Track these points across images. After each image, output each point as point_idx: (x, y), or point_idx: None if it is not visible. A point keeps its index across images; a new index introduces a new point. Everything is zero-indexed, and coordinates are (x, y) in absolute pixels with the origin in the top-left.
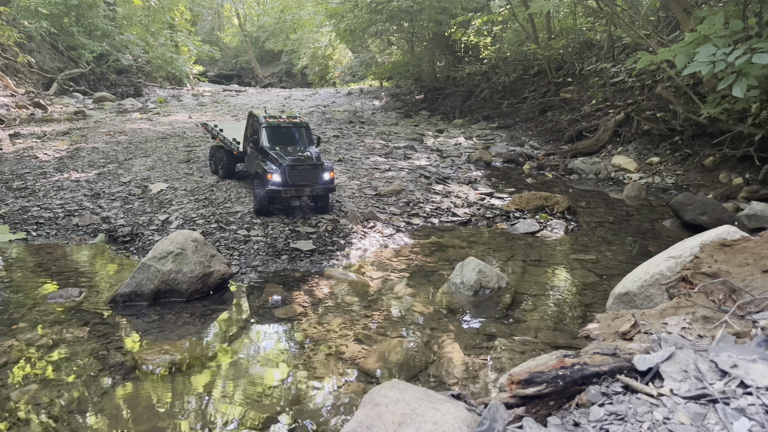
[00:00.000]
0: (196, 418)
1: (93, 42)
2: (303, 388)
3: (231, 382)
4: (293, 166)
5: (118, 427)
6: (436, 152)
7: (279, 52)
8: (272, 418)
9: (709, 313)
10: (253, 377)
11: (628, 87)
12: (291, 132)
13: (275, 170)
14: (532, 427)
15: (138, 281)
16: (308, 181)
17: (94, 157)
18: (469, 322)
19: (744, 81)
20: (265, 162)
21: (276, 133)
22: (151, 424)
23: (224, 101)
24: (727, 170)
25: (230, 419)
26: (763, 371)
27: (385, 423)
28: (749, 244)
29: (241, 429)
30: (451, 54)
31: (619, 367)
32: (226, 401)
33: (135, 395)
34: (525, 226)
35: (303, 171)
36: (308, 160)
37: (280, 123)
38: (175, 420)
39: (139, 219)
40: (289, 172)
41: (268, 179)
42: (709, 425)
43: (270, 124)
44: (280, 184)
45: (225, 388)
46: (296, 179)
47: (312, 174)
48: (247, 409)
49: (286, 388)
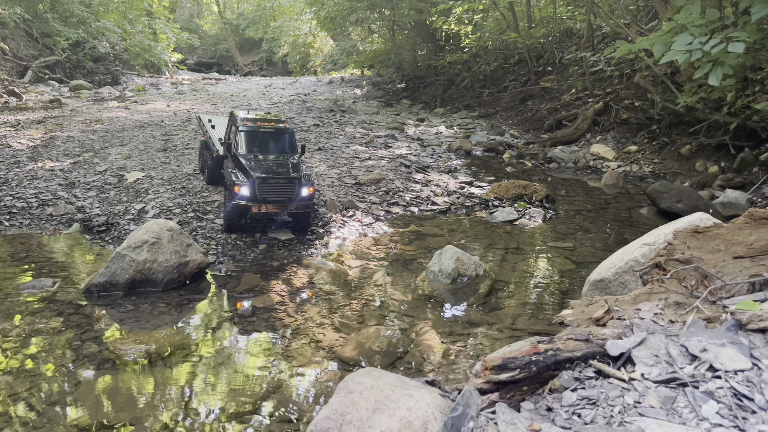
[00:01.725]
0: (172, 408)
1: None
2: (280, 377)
3: (208, 371)
4: (264, 178)
5: (94, 417)
6: (417, 141)
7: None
8: (249, 408)
9: (681, 299)
10: (230, 367)
11: (607, 76)
12: (271, 138)
13: (244, 182)
14: (505, 412)
15: (113, 271)
16: (282, 196)
17: (70, 146)
18: (447, 310)
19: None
20: (235, 171)
21: (253, 138)
22: (127, 414)
23: (203, 89)
24: (703, 159)
25: (207, 409)
26: (731, 355)
27: (359, 410)
28: (721, 231)
29: (219, 418)
30: (432, 42)
31: (592, 353)
32: (203, 391)
33: (110, 386)
34: (504, 215)
35: (276, 185)
36: (283, 173)
37: (259, 127)
38: (152, 410)
39: (115, 208)
40: (259, 186)
41: (236, 192)
42: (678, 408)
43: (247, 127)
44: (249, 199)
45: (202, 378)
46: (267, 194)
47: (286, 189)
48: (225, 399)
49: (263, 378)
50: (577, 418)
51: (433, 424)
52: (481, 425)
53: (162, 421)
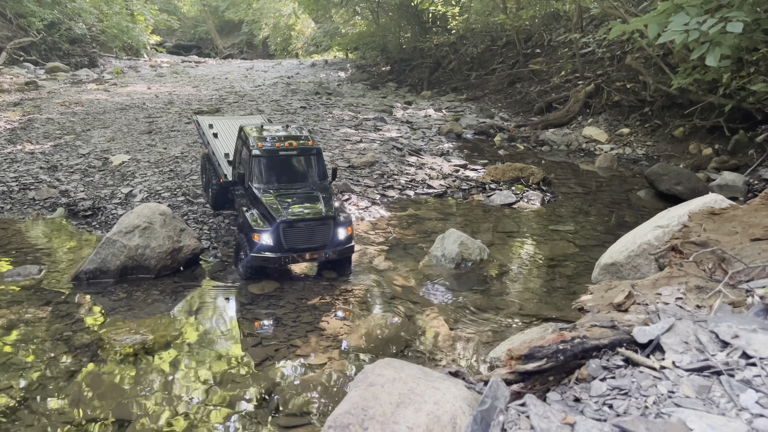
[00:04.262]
0: (170, 400)
1: (43, 9)
2: (285, 367)
3: (207, 362)
4: (292, 222)
5: (87, 411)
6: (407, 124)
7: (239, 22)
8: (253, 400)
9: (702, 283)
10: (230, 357)
11: (598, 58)
12: (294, 161)
13: (264, 229)
14: (536, 404)
15: (103, 257)
16: (314, 242)
17: (50, 129)
18: (452, 296)
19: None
20: (252, 210)
21: (272, 165)
22: (122, 408)
23: (184, 72)
24: (696, 141)
25: (207, 401)
26: (764, 341)
27: (382, 404)
28: (738, 213)
29: (220, 411)
30: (418, 24)
31: (619, 340)
32: (203, 382)
33: (104, 378)
34: (501, 198)
35: (306, 230)
36: (315, 212)
37: (279, 149)
38: (149, 402)
39: (101, 192)
40: (285, 232)
41: (255, 241)
42: (714, 398)
43: (264, 151)
44: (273, 249)
45: (201, 369)
46: (296, 242)
47: (320, 233)
48: (226, 391)
49: (266, 368)
50: (608, 409)
51: (462, 419)
52: (512, 419)
53: (160, 413)
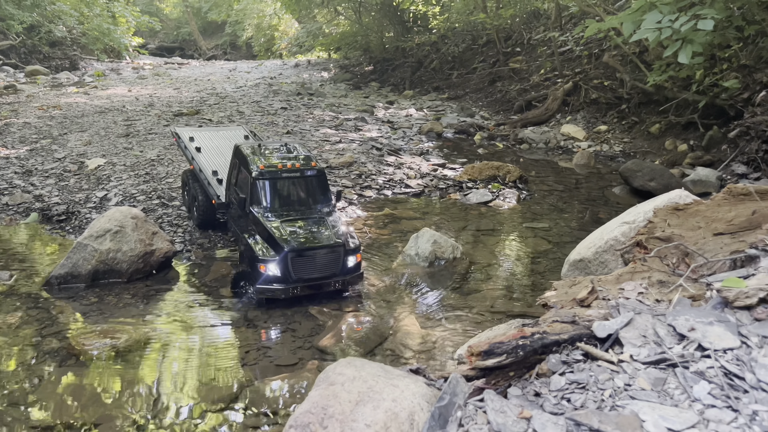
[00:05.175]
0: (141, 405)
1: (22, 12)
2: (254, 370)
3: (177, 365)
4: (301, 252)
5: (58, 417)
6: (388, 124)
7: (222, 23)
8: (223, 402)
9: (665, 277)
10: (201, 360)
11: (576, 56)
12: (298, 185)
13: (271, 258)
14: (493, 399)
15: (74, 262)
16: (324, 272)
17: (26, 133)
18: (425, 294)
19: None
20: (255, 237)
21: (275, 189)
22: (93, 413)
23: (166, 74)
24: (672, 137)
25: (178, 404)
26: (719, 333)
27: (341, 402)
28: (701, 208)
29: (191, 414)
30: (400, 24)
31: (579, 335)
32: (173, 386)
33: (74, 383)
34: (478, 196)
35: (316, 259)
36: (324, 238)
37: (281, 171)
38: (119, 407)
39: (76, 196)
40: (293, 262)
41: (261, 271)
42: (669, 389)
43: (266, 175)
44: (280, 281)
45: (171, 372)
46: (305, 271)
47: (330, 261)
48: (196, 394)
49: (236, 370)
50: (566, 402)
51: (420, 415)
52: (469, 414)
53: (130, 418)
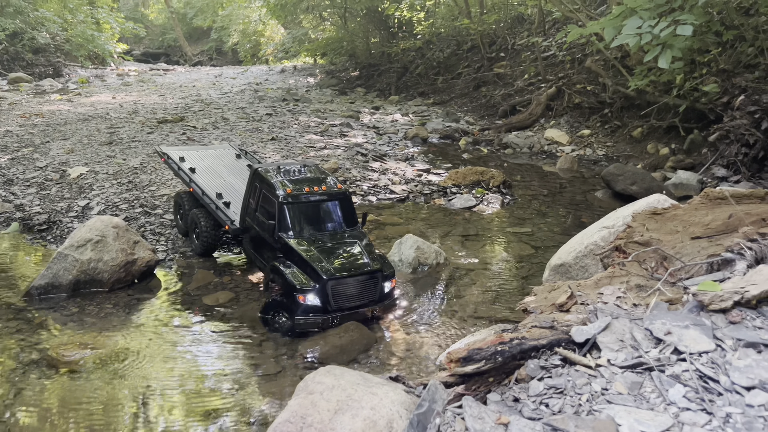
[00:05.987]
0: (122, 416)
1: (4, 19)
2: (236, 379)
3: (159, 375)
4: (340, 279)
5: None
6: (373, 129)
7: (208, 29)
8: (204, 412)
9: (643, 282)
10: (182, 370)
11: (559, 61)
12: (326, 209)
13: (311, 288)
14: (471, 405)
15: (54, 272)
16: (363, 299)
17: (7, 141)
18: (408, 300)
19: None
20: (290, 264)
21: (302, 213)
22: (70, 424)
23: (151, 81)
24: (654, 141)
25: (159, 415)
26: (695, 337)
27: (320, 411)
28: (678, 212)
29: (172, 425)
30: (385, 30)
31: (558, 340)
32: (155, 396)
33: (55, 395)
34: (462, 201)
35: (355, 286)
36: (360, 264)
37: (309, 195)
38: (101, 419)
39: (57, 206)
40: (333, 291)
41: (300, 302)
42: (645, 393)
43: (293, 199)
44: (319, 310)
45: (153, 383)
46: (344, 299)
47: (368, 288)
48: (178, 404)
49: (218, 380)
50: (544, 408)
51: (399, 423)
52: (447, 421)
53: (109, 427)
